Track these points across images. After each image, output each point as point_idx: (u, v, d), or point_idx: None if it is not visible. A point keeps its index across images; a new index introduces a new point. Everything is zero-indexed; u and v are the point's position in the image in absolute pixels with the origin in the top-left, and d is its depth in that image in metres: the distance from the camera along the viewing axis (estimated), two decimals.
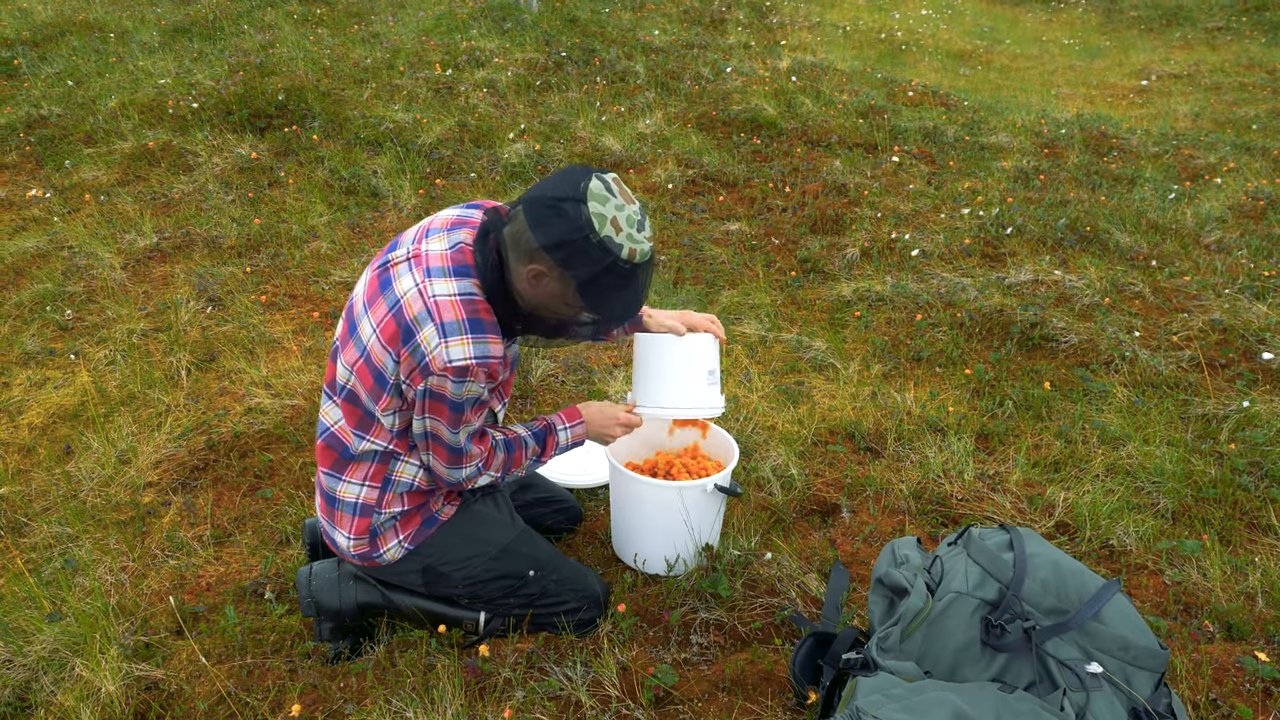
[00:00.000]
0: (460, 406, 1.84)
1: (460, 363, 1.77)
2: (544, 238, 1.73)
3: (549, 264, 1.76)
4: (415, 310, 1.80)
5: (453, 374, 1.78)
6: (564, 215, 1.72)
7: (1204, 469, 2.80)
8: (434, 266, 1.83)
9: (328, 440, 2.00)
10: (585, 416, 2.18)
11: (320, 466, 2.03)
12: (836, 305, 3.98)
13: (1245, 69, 9.24)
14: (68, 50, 7.35)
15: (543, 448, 2.12)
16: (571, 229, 1.72)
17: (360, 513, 2.01)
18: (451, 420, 1.86)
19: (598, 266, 1.75)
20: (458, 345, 1.77)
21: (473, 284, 1.83)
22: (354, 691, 1.99)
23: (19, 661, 2.16)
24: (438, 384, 1.80)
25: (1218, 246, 4.44)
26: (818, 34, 9.55)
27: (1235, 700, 1.95)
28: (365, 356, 1.88)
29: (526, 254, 1.77)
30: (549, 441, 2.13)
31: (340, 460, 1.98)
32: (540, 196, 1.75)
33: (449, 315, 1.78)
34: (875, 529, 2.55)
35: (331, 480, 2.01)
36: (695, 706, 1.91)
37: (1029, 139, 6.11)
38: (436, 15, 8.29)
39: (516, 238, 1.78)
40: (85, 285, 4.12)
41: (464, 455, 1.95)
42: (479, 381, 1.82)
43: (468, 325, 1.79)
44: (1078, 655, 1.65)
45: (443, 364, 1.77)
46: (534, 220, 1.74)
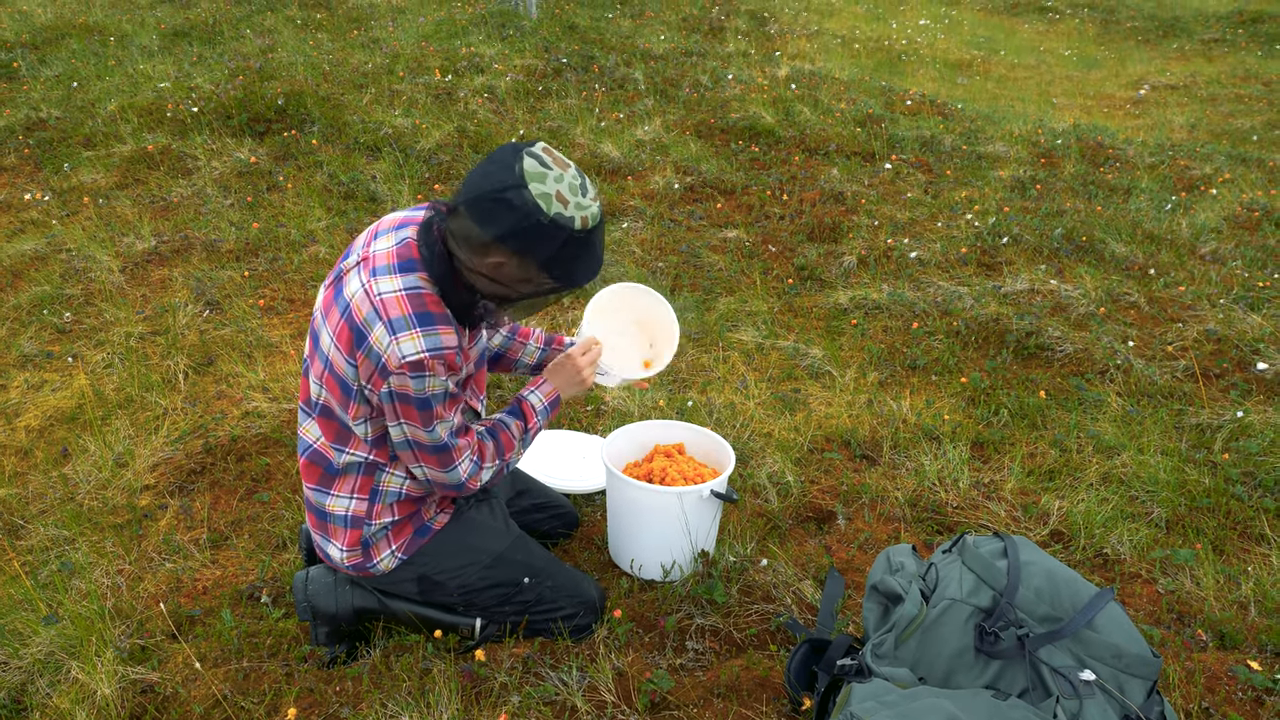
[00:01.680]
0: (427, 403, 1.83)
1: (414, 357, 1.77)
2: (496, 230, 1.71)
3: (507, 253, 1.74)
4: (364, 312, 1.80)
5: (409, 370, 1.77)
6: (510, 205, 1.69)
7: (1198, 479, 2.81)
8: (379, 265, 1.83)
9: (311, 457, 2.00)
10: (547, 374, 2.19)
11: (306, 483, 2.03)
12: (833, 313, 4.00)
13: (1241, 80, 9.29)
14: (67, 53, 7.36)
15: (524, 420, 2.11)
16: (521, 217, 1.69)
17: (351, 525, 2.01)
18: (423, 419, 1.85)
19: (556, 243, 1.73)
20: (408, 340, 1.77)
21: (419, 277, 1.82)
22: (350, 695, 1.99)
23: (15, 664, 2.16)
24: (399, 383, 1.80)
25: (1213, 257, 4.46)
26: (816, 42, 9.59)
27: (1227, 709, 1.96)
28: (329, 367, 1.88)
29: (481, 248, 1.75)
30: (525, 411, 2.12)
31: (325, 475, 1.99)
32: (480, 194, 1.72)
33: (395, 312, 1.78)
34: (870, 536, 2.56)
35: (319, 495, 2.01)
36: (691, 712, 1.92)
37: (1026, 149, 6.14)
38: (436, 21, 8.32)
39: (467, 234, 1.75)
40: (83, 288, 4.12)
41: (451, 451, 1.93)
42: (438, 374, 1.81)
43: (415, 319, 1.78)
44: (1071, 663, 1.66)
45: (398, 361, 1.77)
46: (481, 217, 1.72)
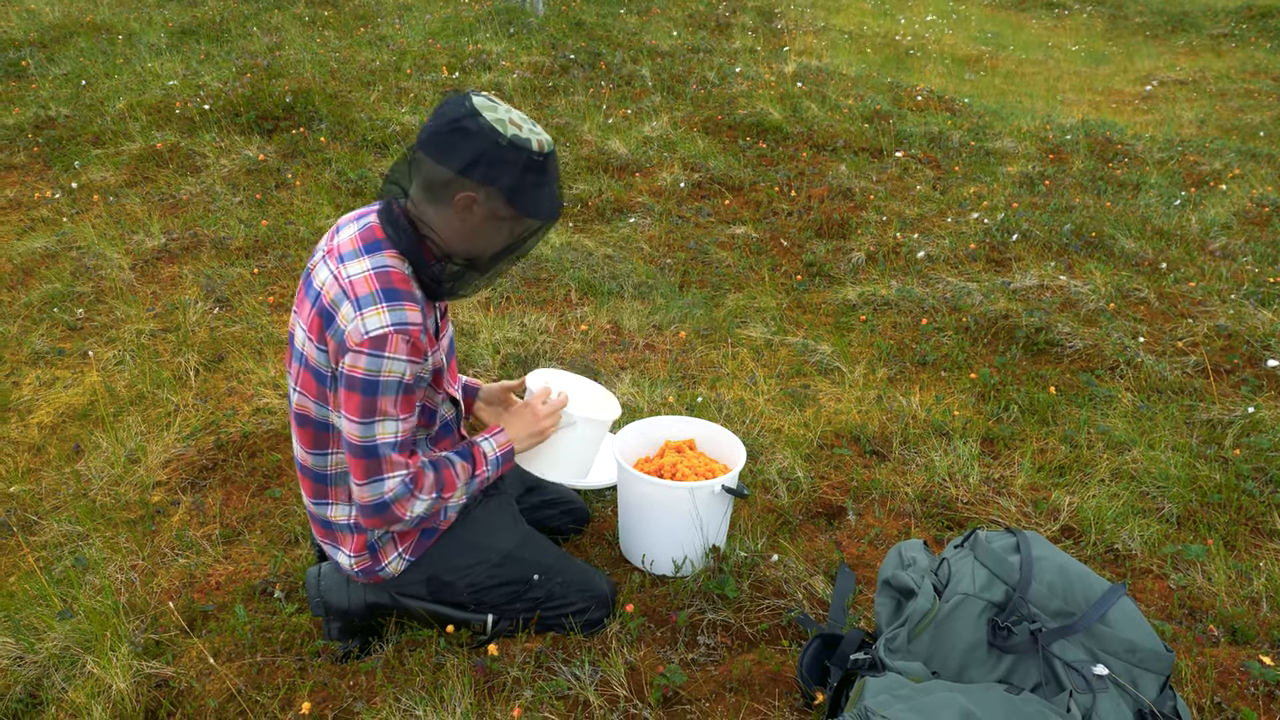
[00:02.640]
0: (373, 388, 1.77)
1: (378, 332, 1.74)
2: (459, 161, 1.72)
3: (473, 185, 1.74)
4: (332, 295, 1.79)
5: (370, 346, 1.74)
6: (468, 133, 1.71)
7: (1209, 474, 2.81)
8: (345, 252, 1.83)
9: (303, 471, 2.01)
10: (504, 421, 2.12)
11: (305, 496, 2.04)
12: (842, 309, 4.00)
13: (1250, 75, 9.25)
14: (75, 51, 7.38)
15: (472, 465, 2.02)
16: (481, 142, 1.71)
17: (356, 531, 2.02)
18: (364, 408, 1.78)
19: (517, 167, 1.73)
20: (373, 315, 1.75)
21: (386, 255, 1.81)
22: (364, 690, 2.00)
23: (30, 659, 2.17)
24: (352, 363, 1.75)
25: (1223, 252, 4.45)
26: (823, 38, 9.57)
27: (1239, 704, 1.96)
28: (303, 362, 1.87)
29: (445, 187, 1.75)
30: (475, 455, 2.03)
31: (321, 487, 1.99)
32: (434, 130, 1.74)
33: (363, 289, 1.77)
34: (881, 532, 2.56)
35: (320, 507, 2.02)
36: (703, 706, 1.92)
37: (1034, 144, 6.12)
38: (443, 18, 8.32)
39: (429, 181, 1.76)
40: (94, 285, 4.14)
41: (380, 461, 1.83)
42: (400, 355, 1.76)
43: (381, 295, 1.76)
44: (1084, 657, 1.66)
45: (360, 337, 1.74)
46: (441, 152, 1.73)
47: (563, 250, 4.48)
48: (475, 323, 3.73)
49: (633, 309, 3.94)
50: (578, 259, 4.39)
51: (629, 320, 3.84)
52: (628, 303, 4.02)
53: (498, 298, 4.03)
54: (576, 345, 3.63)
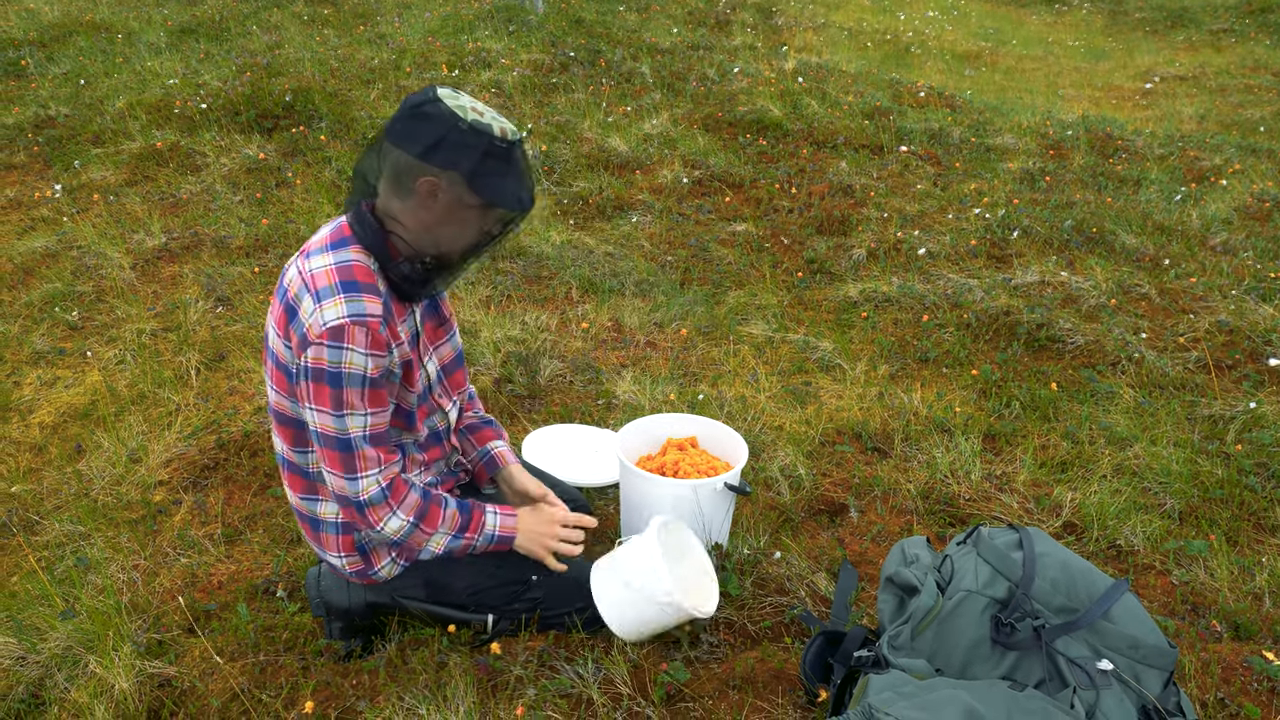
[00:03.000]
0: (338, 379, 1.76)
1: (335, 323, 1.73)
2: (419, 145, 1.72)
3: (435, 170, 1.74)
4: (295, 289, 1.80)
5: (328, 338, 1.73)
6: (428, 117, 1.71)
7: (1211, 470, 2.81)
8: (313, 249, 1.84)
9: (289, 468, 2.00)
10: (519, 513, 2.09)
11: (293, 493, 2.02)
12: (843, 306, 3.99)
13: (1250, 71, 9.24)
14: (75, 51, 7.38)
15: (466, 520, 2.00)
16: (441, 126, 1.71)
17: (343, 530, 2.01)
18: (333, 400, 1.77)
19: (477, 152, 1.72)
20: (331, 307, 1.74)
21: (351, 251, 1.82)
22: (367, 689, 2.00)
23: (33, 659, 2.17)
24: (314, 355, 1.75)
25: (1224, 248, 4.44)
26: (823, 35, 9.56)
27: (1243, 699, 1.96)
28: (274, 359, 1.88)
29: (409, 174, 1.75)
30: (474, 516, 2.02)
31: (308, 483, 1.99)
32: (396, 118, 1.75)
33: (323, 282, 1.77)
34: (883, 529, 2.56)
35: (309, 503, 2.01)
36: (706, 704, 1.92)
37: (1034, 140, 6.11)
38: (442, 16, 8.31)
39: (393, 170, 1.77)
40: (94, 285, 4.14)
41: (355, 454, 1.82)
42: (359, 347, 1.75)
43: (340, 286, 1.76)
44: (1087, 653, 1.66)
45: (319, 329, 1.74)
46: (403, 138, 1.74)
47: (563, 248, 4.47)
48: (476, 321, 3.73)
49: (634, 306, 3.94)
50: (578, 257, 4.39)
51: (630, 318, 3.83)
52: (629, 300, 4.01)
53: (498, 296, 4.03)
54: (578, 343, 3.63)
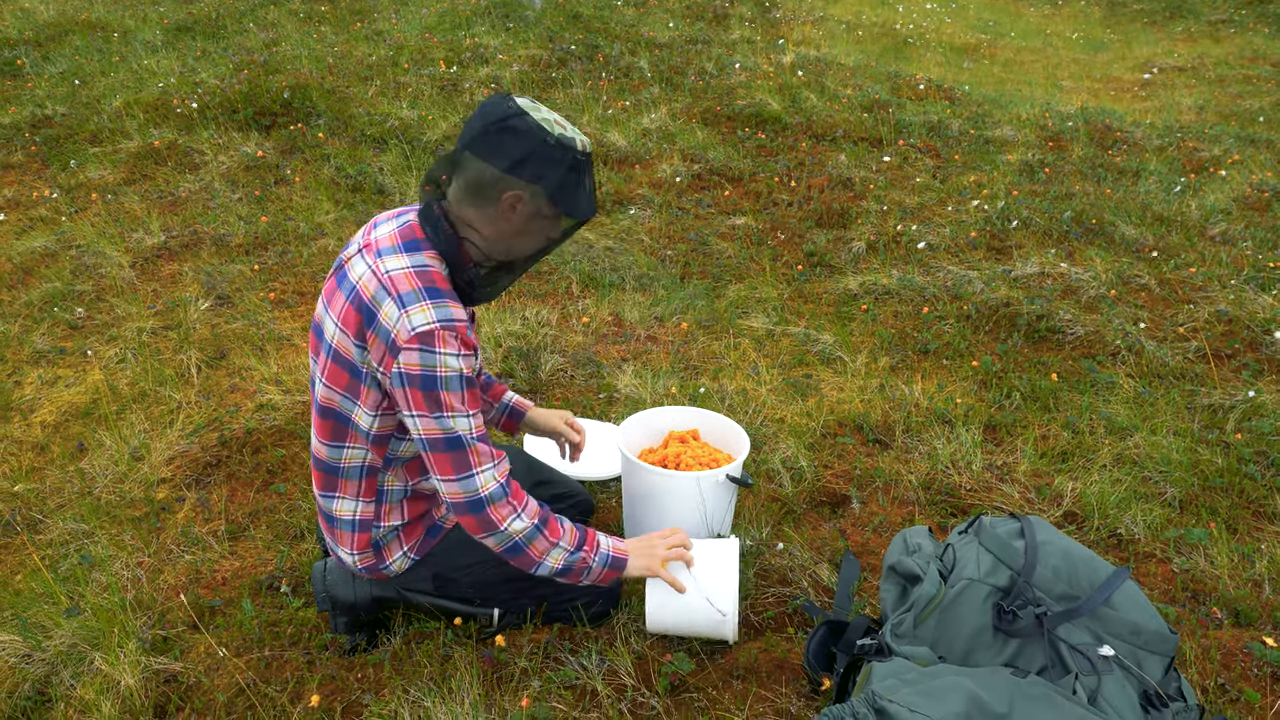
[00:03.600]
0: (434, 383, 1.76)
1: (424, 328, 1.74)
2: (508, 159, 1.73)
3: (521, 184, 1.75)
4: (372, 290, 1.79)
5: (419, 342, 1.74)
6: (517, 132, 1.72)
7: (1210, 458, 2.81)
8: (384, 248, 1.83)
9: (317, 464, 2.01)
10: (629, 542, 2.05)
11: (316, 489, 2.04)
12: (843, 299, 4.00)
13: (1249, 61, 9.24)
14: (71, 50, 7.37)
15: (582, 537, 1.97)
16: (531, 141, 1.73)
17: (359, 528, 2.02)
18: (431, 404, 1.77)
19: (562, 167, 1.75)
20: (419, 312, 1.74)
21: (425, 256, 1.82)
22: (372, 682, 2.01)
23: (38, 656, 2.18)
24: (407, 361, 1.75)
25: (1223, 238, 4.45)
26: (821, 28, 9.55)
27: (1243, 685, 1.97)
28: (333, 355, 1.87)
29: (493, 186, 1.76)
30: (589, 535, 1.98)
31: (330, 479, 1.99)
32: (482, 131, 1.75)
33: (404, 287, 1.77)
34: (885, 520, 2.57)
35: (327, 500, 2.02)
36: (710, 694, 1.93)
37: (1033, 132, 6.12)
38: (439, 12, 8.31)
39: (476, 182, 1.77)
40: (94, 284, 4.14)
41: (466, 451, 1.81)
42: (450, 350, 1.75)
43: (425, 293, 1.77)
44: (1089, 640, 1.66)
45: (407, 335, 1.74)
46: (489, 151, 1.74)
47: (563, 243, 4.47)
48: (477, 317, 3.73)
49: (634, 301, 3.94)
50: (578, 251, 4.39)
51: (630, 312, 3.84)
52: (629, 294, 4.02)
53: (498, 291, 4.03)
54: (578, 338, 3.64)
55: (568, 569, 1.95)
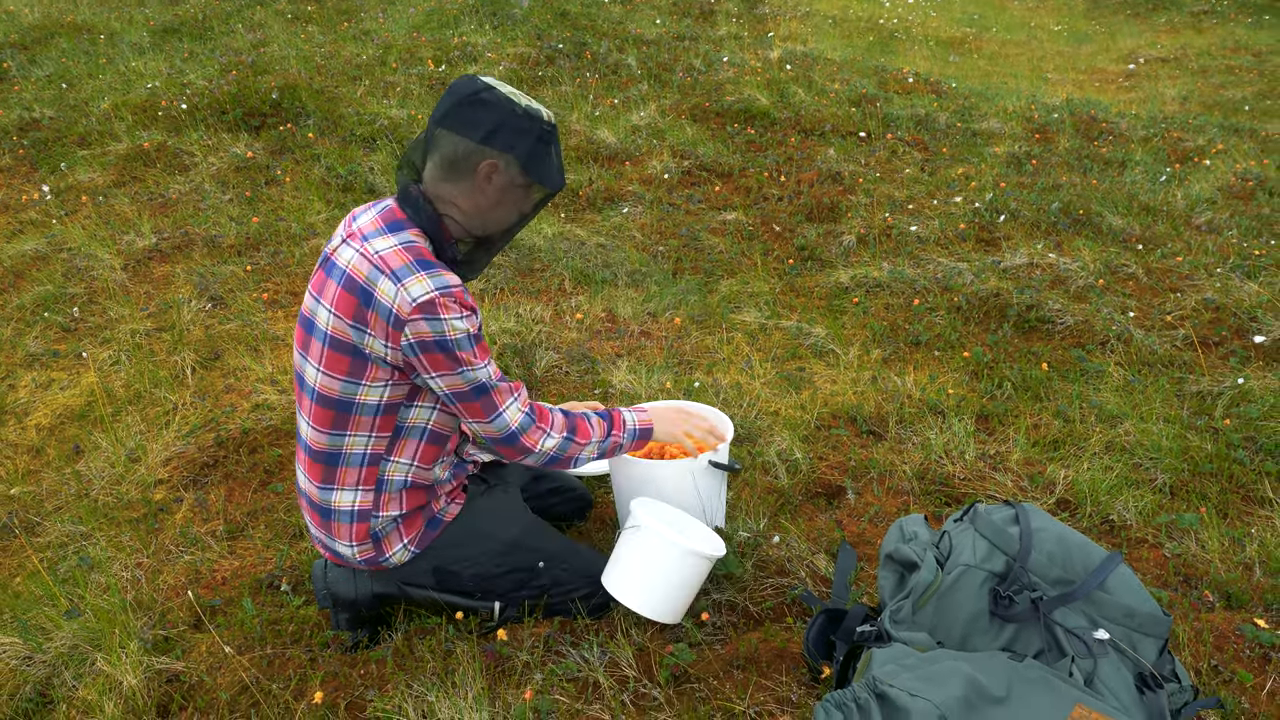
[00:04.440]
0: (448, 344, 1.84)
1: (424, 298, 1.80)
2: (481, 131, 1.83)
3: (495, 153, 1.85)
4: (365, 272, 1.84)
5: (421, 312, 1.80)
6: (487, 104, 1.83)
7: (1200, 445, 2.85)
8: (369, 232, 1.90)
9: (312, 456, 2.01)
10: (652, 410, 2.18)
11: (310, 480, 2.03)
12: (835, 292, 4.02)
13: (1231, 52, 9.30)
14: (57, 52, 7.34)
15: (609, 424, 2.09)
16: (501, 112, 1.83)
17: (358, 519, 2.02)
18: (451, 363, 1.86)
19: (531, 136, 1.85)
20: (415, 284, 1.81)
21: (410, 233, 1.89)
22: (375, 678, 2.02)
23: (39, 658, 2.19)
24: (415, 330, 1.82)
25: (1208, 227, 4.49)
26: (808, 24, 9.58)
27: (1236, 666, 2.00)
28: (329, 343, 1.90)
29: (467, 159, 1.86)
30: (614, 417, 2.11)
31: (329, 470, 2.00)
32: (453, 106, 1.84)
33: (396, 263, 1.83)
34: (880, 510, 2.59)
35: (325, 492, 2.02)
36: (711, 684, 1.95)
37: (1020, 124, 6.15)
38: (426, 11, 8.30)
39: (450, 156, 1.86)
40: (86, 286, 4.13)
41: (491, 394, 1.92)
42: (453, 314, 1.83)
43: (417, 265, 1.83)
44: (1084, 624, 1.69)
45: (409, 307, 1.80)
46: (462, 124, 1.84)
47: (555, 240, 4.49)
48: None
49: (627, 297, 3.96)
50: (570, 248, 4.41)
51: (624, 308, 3.85)
52: (622, 290, 4.03)
53: (492, 288, 4.05)
54: (572, 334, 3.65)
55: (603, 452, 2.09)
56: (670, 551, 1.97)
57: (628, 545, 2.04)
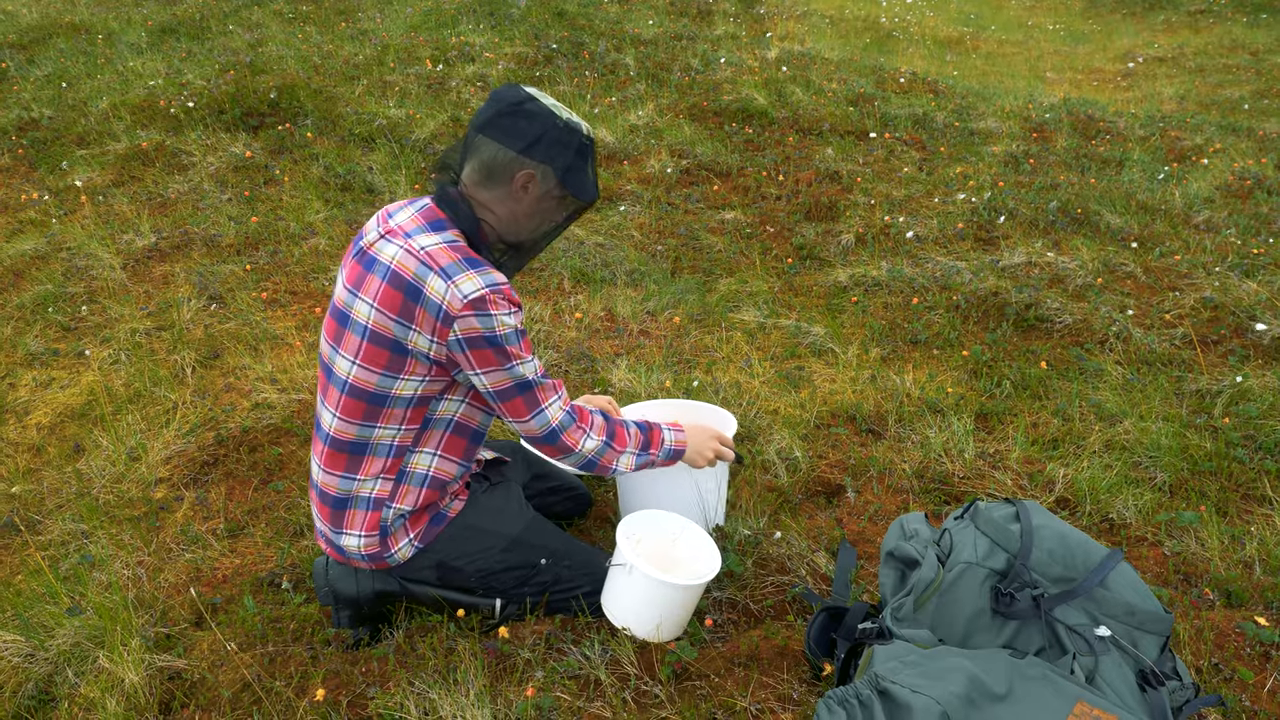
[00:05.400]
0: (497, 340, 1.86)
1: (475, 294, 1.82)
2: (522, 141, 1.85)
3: (534, 164, 1.87)
4: (412, 268, 1.86)
5: (472, 308, 1.82)
6: (530, 115, 1.85)
7: (1199, 443, 2.85)
8: (411, 229, 1.91)
9: (334, 446, 2.01)
10: (686, 428, 2.20)
11: (328, 471, 2.03)
12: (833, 291, 4.03)
13: (1228, 51, 9.32)
14: (55, 53, 7.33)
15: (646, 438, 2.11)
16: (543, 124, 1.85)
17: (373, 506, 2.03)
18: (499, 358, 1.88)
19: (571, 149, 1.88)
20: (466, 280, 1.83)
21: (451, 233, 1.91)
22: (376, 675, 2.03)
23: (41, 655, 2.19)
24: (465, 327, 1.84)
25: (1207, 226, 4.50)
26: (805, 23, 9.58)
27: (1236, 663, 2.01)
28: (369, 337, 1.90)
29: (506, 168, 1.88)
30: (653, 433, 2.12)
31: (355, 460, 2.00)
32: (496, 114, 1.87)
33: (445, 259, 1.85)
34: (880, 508, 2.60)
35: (346, 482, 2.02)
36: (713, 682, 1.95)
37: (1018, 124, 6.16)
38: (424, 11, 8.30)
39: (490, 163, 1.88)
40: (86, 286, 4.13)
41: (535, 390, 1.94)
42: (503, 310, 1.85)
43: (466, 263, 1.86)
44: (1085, 621, 1.70)
45: (460, 303, 1.82)
46: (504, 133, 1.86)
47: None
48: None
49: (626, 296, 3.96)
50: (569, 248, 4.41)
51: (623, 307, 3.86)
52: (621, 290, 4.04)
53: None
54: (572, 333, 3.65)
55: (638, 466, 2.12)
56: (663, 590, 1.99)
57: (620, 583, 2.05)
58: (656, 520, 2.22)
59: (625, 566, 2.00)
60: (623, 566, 2.02)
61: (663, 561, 2.19)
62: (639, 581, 1.99)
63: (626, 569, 2.00)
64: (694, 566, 2.15)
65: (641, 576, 1.97)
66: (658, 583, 1.97)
